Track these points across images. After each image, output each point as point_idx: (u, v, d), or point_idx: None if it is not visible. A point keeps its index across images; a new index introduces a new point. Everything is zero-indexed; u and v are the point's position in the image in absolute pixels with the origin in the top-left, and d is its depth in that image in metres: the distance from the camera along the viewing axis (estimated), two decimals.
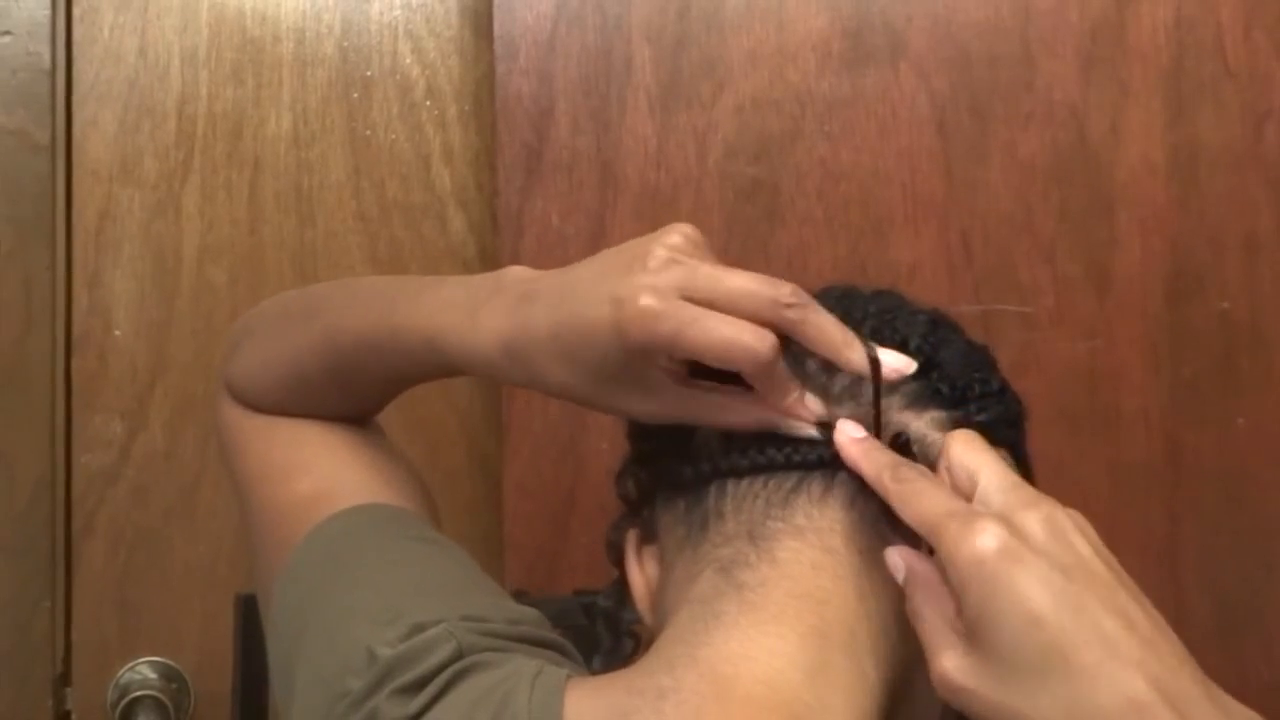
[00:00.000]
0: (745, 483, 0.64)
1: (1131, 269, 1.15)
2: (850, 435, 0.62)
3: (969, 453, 0.60)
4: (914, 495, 0.59)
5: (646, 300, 0.59)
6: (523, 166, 1.15)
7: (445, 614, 0.65)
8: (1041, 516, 0.57)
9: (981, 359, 0.70)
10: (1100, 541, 0.58)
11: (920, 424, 0.64)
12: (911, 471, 0.60)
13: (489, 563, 1.18)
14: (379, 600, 0.68)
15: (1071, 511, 0.58)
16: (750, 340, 0.60)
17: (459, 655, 0.62)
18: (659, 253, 0.61)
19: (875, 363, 0.62)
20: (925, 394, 0.66)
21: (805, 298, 0.62)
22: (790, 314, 0.61)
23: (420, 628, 0.64)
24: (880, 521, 0.62)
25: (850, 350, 0.62)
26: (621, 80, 1.15)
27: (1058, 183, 1.16)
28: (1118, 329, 1.15)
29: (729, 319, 0.60)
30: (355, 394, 0.78)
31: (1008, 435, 0.68)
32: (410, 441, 0.91)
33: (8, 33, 1.23)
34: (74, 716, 1.25)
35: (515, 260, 1.14)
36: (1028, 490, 0.59)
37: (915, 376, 0.65)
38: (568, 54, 1.15)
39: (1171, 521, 1.15)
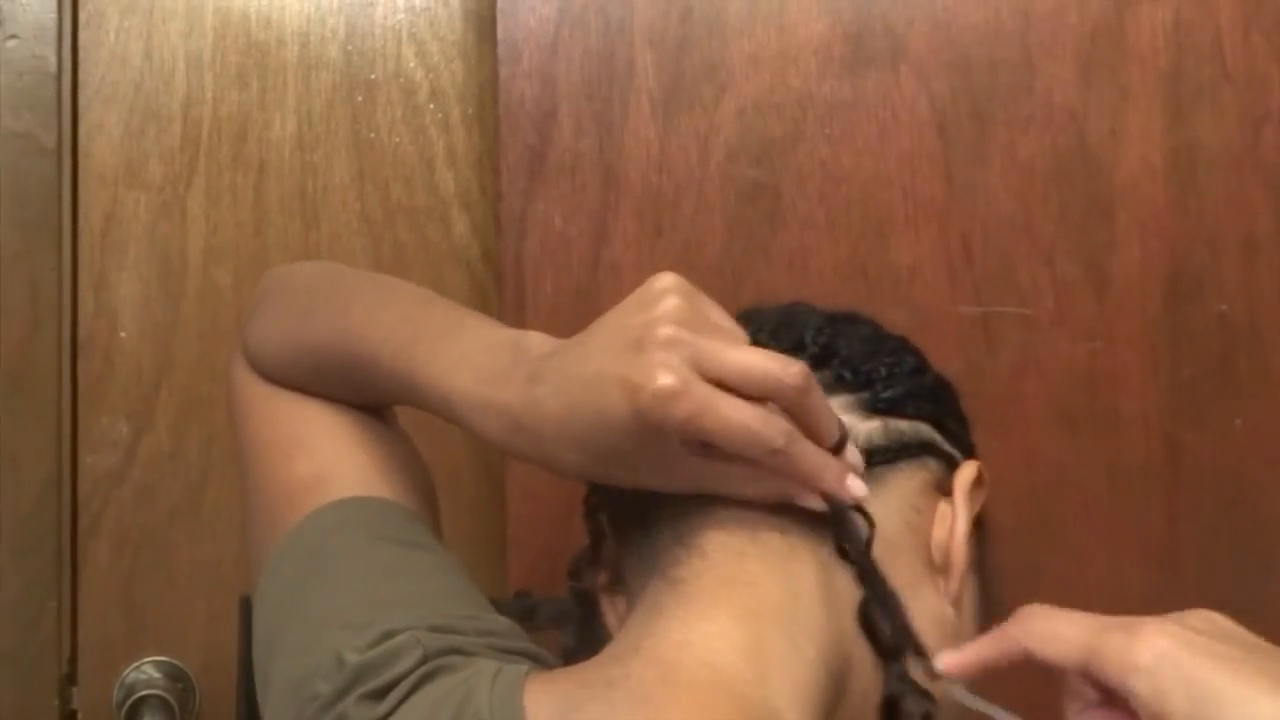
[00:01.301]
0: (681, 496, 0.66)
1: (1131, 271, 1.16)
2: (950, 659, 0.64)
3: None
4: (1051, 630, 0.59)
5: (661, 379, 0.59)
6: (525, 169, 1.15)
7: (415, 622, 0.66)
8: (1185, 611, 0.58)
9: (893, 346, 0.72)
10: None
11: None
12: (1028, 611, 0.61)
13: (492, 564, 1.19)
14: (353, 606, 0.69)
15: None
16: (763, 430, 0.60)
17: (424, 660, 0.64)
18: (665, 330, 0.61)
19: (844, 437, 0.65)
20: (829, 382, 0.69)
21: (809, 381, 0.62)
22: (793, 398, 0.62)
23: (389, 635, 0.65)
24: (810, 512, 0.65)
25: (834, 436, 0.64)
26: (624, 83, 1.16)
27: (1057, 185, 1.16)
28: (1117, 331, 1.15)
29: (743, 405, 0.60)
30: (366, 397, 0.78)
31: (923, 409, 0.71)
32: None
33: (14, 36, 1.24)
34: (80, 716, 1.25)
35: (518, 262, 1.15)
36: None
37: (816, 367, 0.67)
38: (570, 57, 1.16)
39: (1170, 522, 1.15)
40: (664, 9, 1.16)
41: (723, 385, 0.60)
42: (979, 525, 0.71)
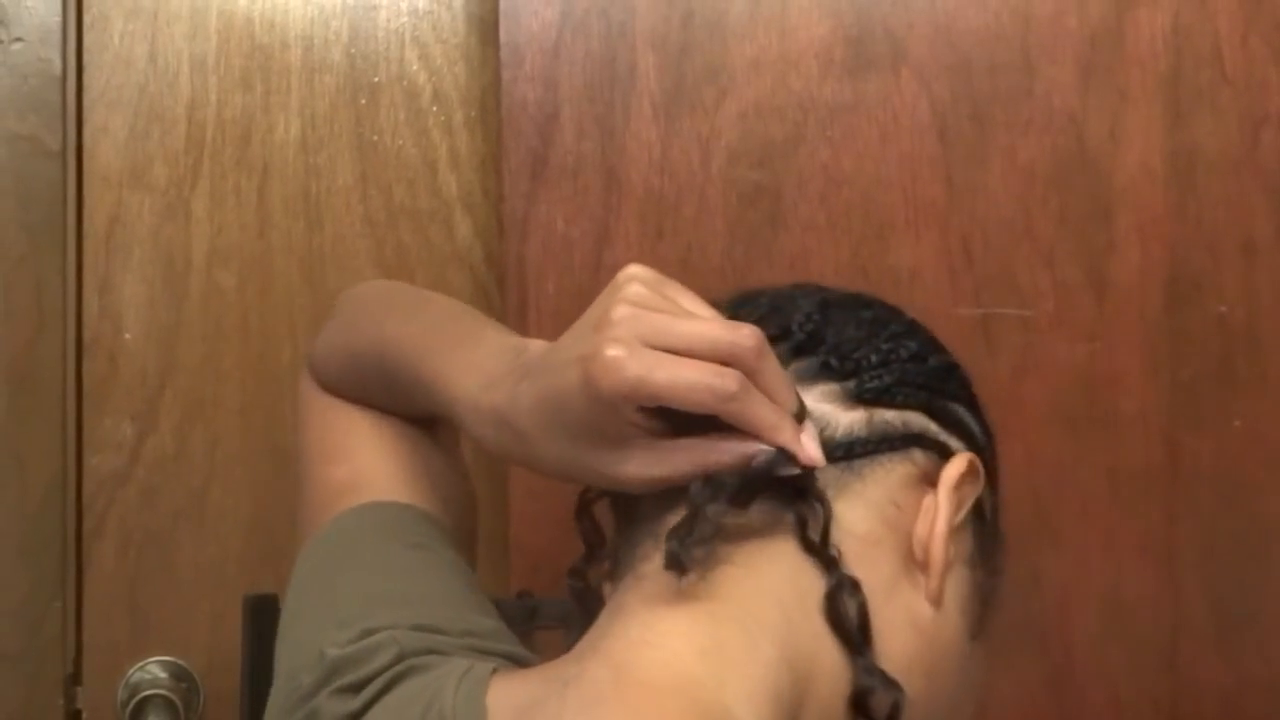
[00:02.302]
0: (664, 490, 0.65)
1: (1130, 273, 1.16)
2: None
3: None
4: None
5: (609, 351, 0.60)
6: (528, 172, 1.16)
7: (399, 621, 0.67)
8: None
9: (895, 331, 0.70)
10: None
11: (809, 398, 0.65)
12: None
13: (494, 564, 1.19)
14: (348, 604, 0.71)
15: None
16: (714, 381, 0.60)
17: (400, 659, 0.65)
18: (620, 309, 0.62)
19: (802, 409, 0.64)
20: (814, 370, 0.67)
21: (761, 343, 0.62)
22: (746, 360, 0.61)
23: (370, 632, 0.67)
24: (770, 503, 0.63)
25: (792, 406, 0.63)
26: (626, 87, 1.16)
27: (1057, 188, 1.16)
28: (1116, 333, 1.16)
29: (691, 362, 0.60)
30: (402, 405, 0.81)
31: (916, 398, 0.68)
32: None
33: (19, 39, 1.25)
34: (85, 715, 1.26)
35: (521, 264, 1.15)
36: None
37: (802, 354, 0.67)
38: (572, 61, 1.16)
39: (1170, 523, 1.16)
40: (665, 13, 1.16)
41: (676, 354, 0.61)
42: (979, 518, 0.69)
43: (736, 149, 1.16)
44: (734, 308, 0.69)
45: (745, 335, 0.61)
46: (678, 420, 0.62)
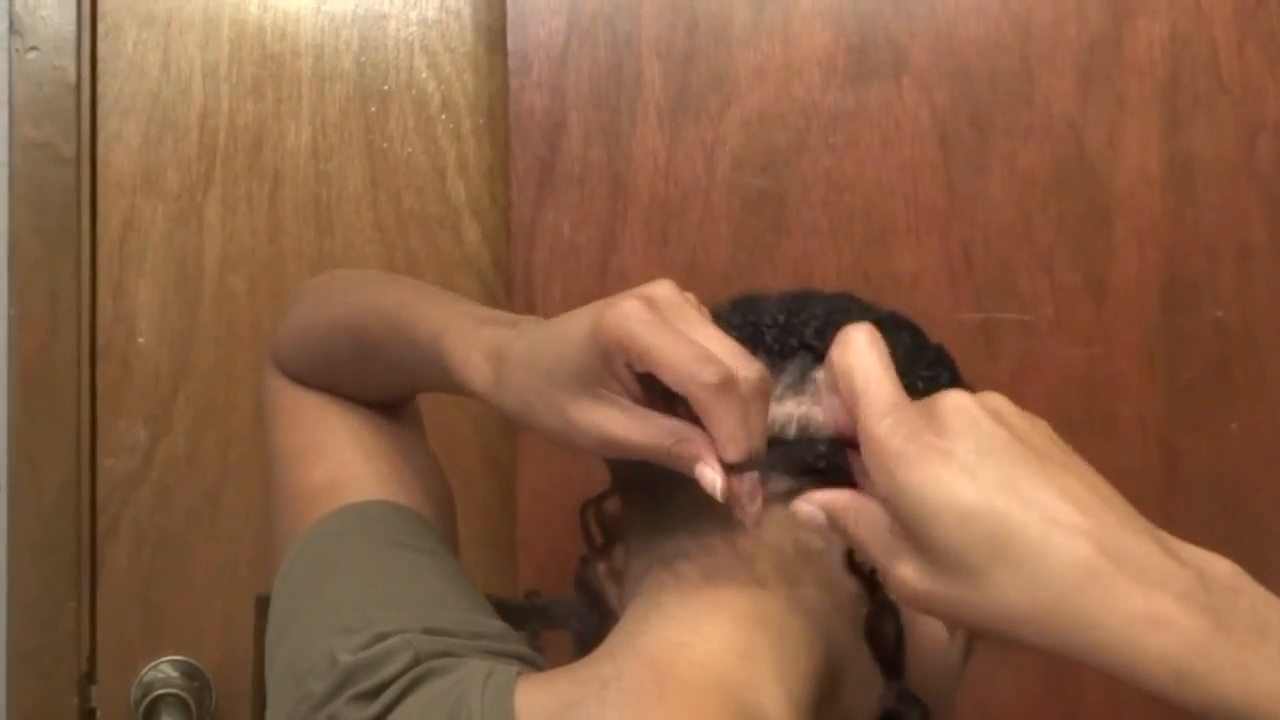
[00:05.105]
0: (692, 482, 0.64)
1: (1128, 278, 1.17)
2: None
3: (852, 356, 0.58)
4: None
5: (629, 304, 0.59)
6: (535, 178, 1.17)
7: (408, 624, 0.67)
8: (953, 405, 0.55)
9: (930, 358, 0.70)
10: (1021, 414, 0.58)
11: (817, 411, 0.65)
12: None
13: (502, 564, 1.21)
14: (351, 607, 0.70)
15: (987, 395, 0.58)
16: (699, 366, 0.58)
17: (416, 663, 0.65)
18: (659, 288, 0.61)
19: (760, 467, 0.61)
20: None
21: (763, 382, 0.60)
22: (743, 390, 0.59)
23: (382, 637, 0.66)
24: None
25: (751, 451, 0.61)
26: (632, 94, 1.18)
27: (1056, 194, 1.18)
28: (1115, 337, 1.17)
29: (695, 344, 0.59)
30: (371, 378, 0.79)
31: None
32: None
33: (34, 48, 1.26)
34: (99, 714, 1.27)
35: (528, 270, 1.17)
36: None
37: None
38: (579, 69, 1.18)
39: (1167, 525, 1.15)
40: (671, 21, 1.18)
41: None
42: None
43: (741, 155, 1.18)
44: (784, 313, 0.69)
45: (754, 367, 0.60)
46: (669, 404, 0.61)
